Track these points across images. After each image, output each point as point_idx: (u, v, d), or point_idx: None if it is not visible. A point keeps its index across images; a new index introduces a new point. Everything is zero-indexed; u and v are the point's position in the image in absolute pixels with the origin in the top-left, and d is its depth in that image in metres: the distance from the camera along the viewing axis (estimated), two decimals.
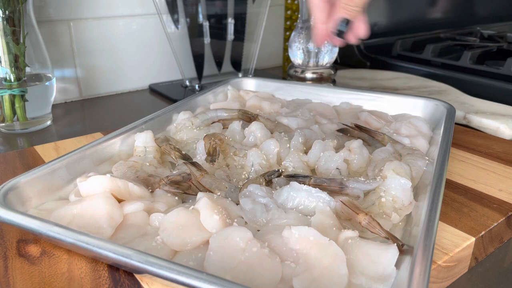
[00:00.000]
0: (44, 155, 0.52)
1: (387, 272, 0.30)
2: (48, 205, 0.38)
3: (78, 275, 0.32)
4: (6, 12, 0.58)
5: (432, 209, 0.33)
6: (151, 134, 0.48)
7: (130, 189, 0.38)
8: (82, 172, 0.43)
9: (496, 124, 0.60)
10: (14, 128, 0.63)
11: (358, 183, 0.39)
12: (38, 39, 0.63)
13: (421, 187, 0.41)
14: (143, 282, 0.31)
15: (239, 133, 0.51)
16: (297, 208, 0.36)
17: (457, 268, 0.36)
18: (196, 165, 0.42)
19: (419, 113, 0.58)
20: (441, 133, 0.47)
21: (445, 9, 1.17)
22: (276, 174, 0.42)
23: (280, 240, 0.32)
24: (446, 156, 0.42)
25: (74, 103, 0.79)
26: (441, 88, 0.77)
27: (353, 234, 0.32)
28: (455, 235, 0.37)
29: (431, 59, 0.89)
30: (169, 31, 0.80)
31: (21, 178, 0.38)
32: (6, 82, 0.60)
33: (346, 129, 0.53)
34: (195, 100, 0.61)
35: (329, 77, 0.73)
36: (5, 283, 0.31)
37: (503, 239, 0.40)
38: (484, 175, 0.47)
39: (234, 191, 0.39)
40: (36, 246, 0.35)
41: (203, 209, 0.34)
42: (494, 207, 0.41)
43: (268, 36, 0.98)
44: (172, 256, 0.32)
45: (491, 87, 0.74)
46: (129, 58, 0.84)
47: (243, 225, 0.35)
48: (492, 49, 0.93)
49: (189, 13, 0.79)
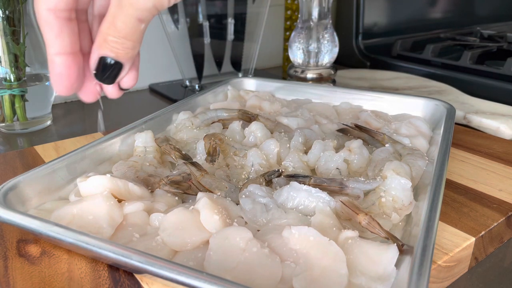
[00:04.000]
0: (44, 155, 0.52)
1: (387, 272, 0.30)
2: (48, 205, 0.38)
3: (78, 275, 0.32)
4: (6, 12, 0.58)
5: (432, 209, 0.33)
6: (151, 134, 0.48)
7: (130, 189, 0.38)
8: (82, 172, 0.43)
9: (496, 124, 0.60)
10: (14, 128, 0.63)
11: (358, 183, 0.39)
12: (38, 39, 0.63)
13: (421, 187, 0.40)
14: (143, 282, 0.31)
15: (239, 133, 0.51)
16: (297, 208, 0.36)
17: (457, 268, 0.36)
18: (196, 165, 0.42)
19: (419, 113, 0.57)
20: (441, 133, 0.47)
21: (445, 9, 1.17)
22: (276, 174, 0.42)
23: (280, 240, 0.32)
24: (446, 156, 0.42)
25: (74, 103, 0.79)
26: (441, 88, 0.77)
27: (353, 234, 0.32)
28: (455, 235, 0.37)
29: (431, 59, 0.89)
30: (169, 31, 0.80)
31: (21, 178, 0.38)
32: (6, 82, 0.60)
33: (346, 129, 0.53)
34: (195, 100, 0.60)
35: (329, 77, 0.73)
36: (5, 283, 0.31)
37: (503, 239, 0.40)
38: (484, 175, 0.47)
39: (234, 191, 0.39)
40: (36, 246, 0.35)
41: (203, 209, 0.34)
42: (494, 207, 0.41)
43: (268, 36, 0.98)
44: (172, 256, 0.32)
45: (491, 87, 0.74)
46: None
47: (243, 225, 0.35)
48: (492, 49, 0.93)
49: (189, 13, 0.79)
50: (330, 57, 0.72)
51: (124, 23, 0.27)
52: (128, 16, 0.27)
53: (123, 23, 0.27)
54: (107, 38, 0.28)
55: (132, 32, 0.28)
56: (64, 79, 0.29)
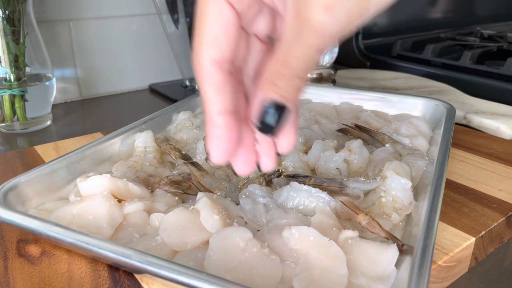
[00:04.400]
0: (44, 155, 0.52)
1: (387, 272, 0.30)
2: (48, 205, 0.38)
3: (78, 275, 0.32)
4: (6, 12, 0.58)
5: (432, 209, 0.33)
6: (151, 134, 0.48)
7: (130, 189, 0.38)
8: (82, 172, 0.43)
9: (496, 124, 0.60)
10: (14, 128, 0.63)
11: (358, 183, 0.39)
12: (38, 39, 0.63)
13: (421, 187, 0.40)
14: (143, 282, 0.31)
15: None
16: (297, 208, 0.36)
17: (457, 268, 0.36)
18: (196, 165, 0.42)
19: (419, 113, 0.57)
20: (441, 133, 0.47)
21: (445, 9, 1.17)
22: (276, 174, 0.42)
23: (280, 240, 0.32)
24: (446, 156, 0.42)
25: (74, 103, 0.79)
26: (441, 88, 0.77)
27: (353, 234, 0.32)
28: (455, 235, 0.37)
29: (431, 59, 0.89)
30: (169, 31, 0.80)
31: (21, 178, 0.38)
32: (6, 82, 0.60)
33: (346, 129, 0.53)
34: (195, 100, 0.60)
35: (329, 77, 0.73)
36: (5, 283, 0.31)
37: (503, 239, 0.40)
38: (484, 175, 0.47)
39: (234, 191, 0.39)
40: (36, 246, 0.35)
41: (203, 209, 0.34)
42: (494, 207, 0.41)
43: None
44: (172, 256, 0.32)
45: (491, 87, 0.74)
46: (129, 58, 0.83)
47: (243, 225, 0.35)
48: (492, 49, 0.93)
49: (189, 13, 0.79)
50: (330, 57, 0.72)
51: (300, 58, 0.23)
52: (307, 47, 0.23)
53: (298, 58, 0.23)
54: (274, 80, 0.24)
55: (306, 68, 0.23)
56: (224, 144, 0.25)
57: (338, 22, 0.22)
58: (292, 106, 0.24)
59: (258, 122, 0.24)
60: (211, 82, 0.25)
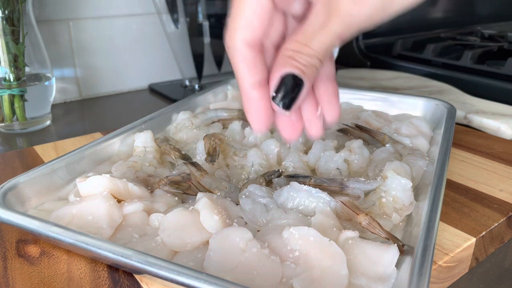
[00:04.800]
0: (43, 155, 0.52)
1: (388, 272, 0.30)
2: (47, 205, 0.38)
3: (78, 276, 0.32)
4: (5, 12, 0.58)
5: (432, 209, 0.33)
6: (150, 134, 0.48)
7: (130, 189, 0.38)
8: (81, 172, 0.43)
9: (496, 124, 0.60)
10: (13, 128, 0.63)
11: (358, 183, 0.39)
12: (37, 38, 0.63)
13: (421, 187, 0.40)
14: (143, 283, 0.31)
15: (239, 133, 0.51)
16: (297, 208, 0.36)
17: (458, 269, 0.36)
18: (196, 165, 0.42)
19: (420, 113, 0.57)
20: (441, 133, 0.47)
21: (446, 9, 1.17)
22: (276, 174, 0.42)
23: (280, 241, 0.32)
24: (446, 156, 0.42)
25: (73, 103, 0.79)
26: (441, 88, 0.77)
27: (353, 234, 0.32)
28: (455, 235, 0.36)
29: (432, 59, 0.89)
30: (168, 31, 0.79)
31: (20, 178, 0.38)
32: (6, 82, 0.60)
33: (346, 129, 0.53)
34: (195, 100, 0.60)
35: None
36: (4, 284, 0.31)
37: (504, 239, 0.40)
38: (485, 175, 0.47)
39: (234, 191, 0.39)
40: (36, 247, 0.35)
41: (203, 209, 0.34)
42: (494, 207, 0.41)
43: None
44: (172, 257, 0.32)
45: (491, 87, 0.74)
46: (129, 58, 0.83)
47: (243, 225, 0.35)
48: (493, 48, 0.93)
49: (188, 13, 0.78)
50: None
51: (321, 41, 0.25)
52: (331, 33, 0.25)
53: (320, 41, 0.25)
54: (294, 56, 0.26)
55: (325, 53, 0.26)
56: (263, 114, 0.28)
57: (363, 14, 0.24)
58: (309, 79, 0.26)
59: (275, 92, 0.27)
60: (243, 60, 0.27)
